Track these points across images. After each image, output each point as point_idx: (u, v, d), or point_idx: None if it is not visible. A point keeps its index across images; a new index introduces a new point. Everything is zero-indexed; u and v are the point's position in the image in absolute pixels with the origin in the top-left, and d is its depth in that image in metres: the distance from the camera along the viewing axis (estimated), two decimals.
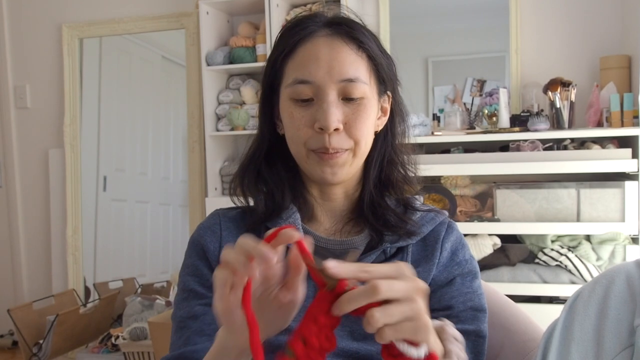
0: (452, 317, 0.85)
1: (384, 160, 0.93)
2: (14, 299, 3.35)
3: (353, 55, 0.85)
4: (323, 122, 0.82)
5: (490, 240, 2.36)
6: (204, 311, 0.86)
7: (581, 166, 2.23)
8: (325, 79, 0.83)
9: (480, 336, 0.86)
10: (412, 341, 0.57)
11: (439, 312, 0.86)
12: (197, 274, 0.89)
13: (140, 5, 3.15)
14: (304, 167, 0.89)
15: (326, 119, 0.82)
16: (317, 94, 0.84)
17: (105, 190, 3.38)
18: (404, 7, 2.80)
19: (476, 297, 0.88)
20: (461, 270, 0.89)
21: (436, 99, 2.80)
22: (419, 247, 0.90)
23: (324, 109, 0.83)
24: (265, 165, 0.92)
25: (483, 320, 0.88)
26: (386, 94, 0.92)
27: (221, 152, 2.92)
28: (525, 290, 2.31)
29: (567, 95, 2.38)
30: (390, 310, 0.55)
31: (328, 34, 0.85)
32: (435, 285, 0.88)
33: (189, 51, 3.06)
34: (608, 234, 2.23)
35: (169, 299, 2.83)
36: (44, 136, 3.32)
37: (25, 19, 3.32)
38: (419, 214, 0.93)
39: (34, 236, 3.38)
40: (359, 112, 0.85)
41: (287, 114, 0.87)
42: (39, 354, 2.66)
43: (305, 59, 0.85)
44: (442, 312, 0.86)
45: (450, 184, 2.43)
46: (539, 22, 2.63)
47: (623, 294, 0.74)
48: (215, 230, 0.92)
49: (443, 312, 0.86)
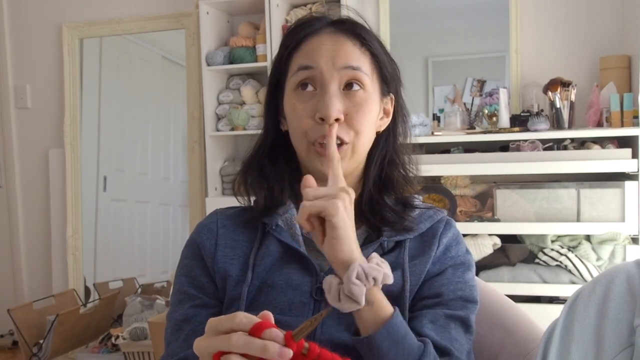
0: (442, 304, 0.85)
1: (385, 160, 0.94)
2: (14, 299, 3.34)
3: (356, 50, 0.87)
4: (324, 112, 0.84)
5: (490, 240, 2.36)
6: (195, 313, 0.87)
7: (581, 166, 2.23)
8: (328, 66, 0.85)
9: (467, 325, 0.86)
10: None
11: (428, 300, 0.86)
12: (189, 275, 0.91)
13: (140, 5, 3.15)
14: (304, 161, 0.90)
15: (327, 109, 0.83)
16: (319, 83, 0.86)
17: (105, 190, 3.38)
18: (404, 7, 2.80)
19: (467, 287, 0.88)
20: (453, 261, 0.90)
21: (436, 99, 2.80)
22: (416, 243, 0.91)
23: (325, 100, 0.84)
24: (268, 161, 0.94)
25: (472, 310, 0.88)
26: (389, 96, 0.93)
27: (221, 152, 2.92)
28: (525, 290, 2.31)
29: (567, 95, 2.38)
30: (315, 201, 0.72)
31: (332, 31, 0.88)
32: (428, 275, 0.88)
33: (189, 51, 3.06)
34: (608, 234, 2.23)
35: (169, 299, 2.83)
36: (44, 136, 3.32)
37: (25, 19, 3.32)
38: (418, 211, 0.94)
39: (34, 236, 3.38)
40: (360, 104, 0.86)
41: (290, 105, 0.88)
42: (39, 354, 2.66)
43: (309, 49, 0.87)
44: (431, 299, 0.86)
45: (450, 184, 2.43)
46: (539, 22, 2.63)
47: (623, 294, 0.74)
48: (212, 228, 0.93)
49: (433, 299, 0.86)
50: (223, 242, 0.91)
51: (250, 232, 0.92)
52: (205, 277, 0.89)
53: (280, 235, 0.88)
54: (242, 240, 0.91)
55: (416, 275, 0.87)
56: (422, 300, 0.86)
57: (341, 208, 0.72)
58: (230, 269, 0.88)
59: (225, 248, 0.90)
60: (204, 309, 0.88)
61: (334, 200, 0.72)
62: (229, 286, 0.87)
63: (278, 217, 0.90)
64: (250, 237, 0.91)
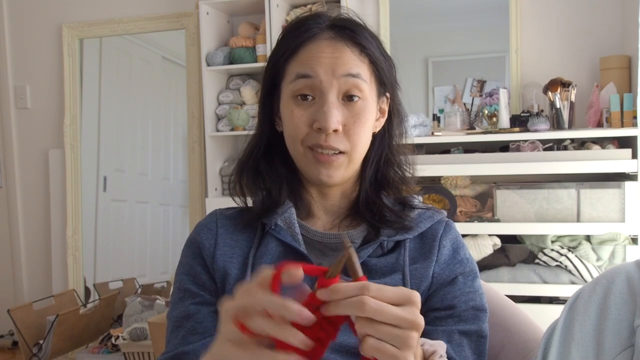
0: (454, 316, 0.86)
1: (381, 160, 0.94)
2: (14, 299, 3.35)
3: (355, 57, 0.86)
4: (323, 122, 0.83)
5: (490, 241, 2.36)
6: (196, 310, 0.87)
7: (581, 166, 2.23)
8: (327, 75, 0.84)
9: (482, 336, 0.87)
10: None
11: (441, 312, 0.86)
12: (191, 273, 0.91)
13: (140, 6, 3.15)
14: (301, 166, 0.90)
15: (326, 120, 0.83)
16: (318, 92, 0.85)
17: (105, 190, 3.38)
18: (404, 7, 2.80)
19: (477, 296, 0.89)
20: (463, 269, 0.90)
21: (436, 99, 2.80)
22: (416, 244, 0.90)
23: (325, 110, 0.83)
24: (263, 161, 0.93)
25: (484, 319, 0.88)
26: (385, 95, 0.92)
27: (221, 152, 2.92)
28: (525, 290, 2.31)
29: (567, 96, 2.38)
30: (380, 325, 0.55)
31: (331, 36, 0.86)
32: (438, 283, 0.88)
33: (189, 51, 3.06)
34: (608, 234, 2.23)
35: (169, 299, 2.83)
36: (44, 136, 3.32)
37: (26, 19, 3.32)
38: (417, 211, 0.94)
39: (34, 236, 3.38)
40: (358, 115, 0.85)
41: (288, 112, 0.87)
42: (39, 354, 2.66)
43: (307, 57, 0.85)
44: (444, 311, 0.86)
45: (451, 185, 2.43)
46: (539, 22, 2.63)
47: (623, 295, 0.74)
48: (212, 227, 0.93)
49: (445, 311, 0.86)
50: (222, 241, 0.91)
51: (249, 232, 0.92)
52: (206, 275, 0.89)
53: (279, 235, 0.88)
54: (242, 239, 0.91)
55: (417, 279, 0.86)
56: (434, 311, 0.86)
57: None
58: (230, 267, 0.88)
59: (225, 247, 0.90)
60: (204, 306, 0.88)
61: (404, 342, 0.56)
62: (228, 285, 0.87)
63: (277, 216, 0.90)
64: (249, 237, 0.91)
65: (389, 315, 0.55)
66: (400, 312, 0.56)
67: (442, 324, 0.85)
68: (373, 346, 0.55)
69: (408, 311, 0.57)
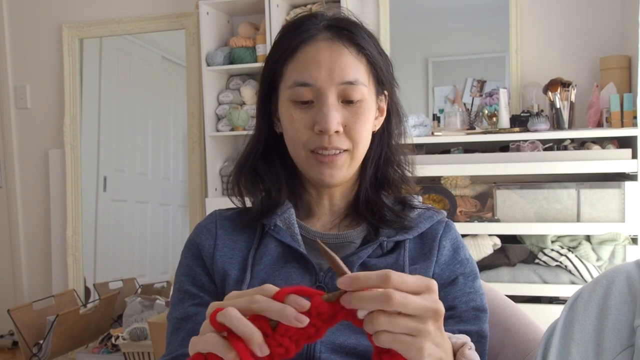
0: (455, 317, 0.86)
1: (381, 159, 0.94)
2: (14, 299, 3.34)
3: (353, 59, 0.86)
4: (323, 124, 0.83)
5: (490, 241, 2.36)
6: (196, 311, 0.87)
7: (581, 166, 2.23)
8: (326, 82, 0.84)
9: (482, 336, 0.87)
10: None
11: None
12: (190, 274, 0.91)
13: (140, 6, 3.15)
14: (302, 169, 0.90)
15: (327, 122, 0.83)
16: (317, 97, 0.85)
17: (105, 190, 3.38)
18: (404, 7, 2.80)
19: (478, 297, 0.89)
20: (463, 269, 0.90)
21: (436, 99, 2.80)
22: (416, 244, 0.90)
23: (324, 113, 0.83)
24: (262, 162, 0.93)
25: (484, 320, 0.88)
26: (383, 94, 0.92)
27: (221, 152, 2.92)
28: (525, 290, 2.31)
29: (567, 96, 2.38)
30: (397, 320, 0.54)
31: (329, 37, 0.86)
32: (438, 284, 0.87)
33: (189, 51, 3.06)
34: (608, 234, 2.23)
35: (169, 299, 2.83)
36: (44, 136, 3.32)
37: (25, 19, 3.32)
38: (417, 211, 0.94)
39: (34, 236, 3.38)
40: (358, 115, 0.86)
41: (287, 115, 0.87)
42: (39, 354, 2.66)
43: (305, 61, 0.85)
44: (445, 312, 0.86)
45: (451, 185, 2.43)
46: (539, 22, 2.63)
47: (623, 295, 0.74)
48: (211, 228, 0.93)
49: (446, 312, 0.86)
50: (222, 242, 0.91)
51: (249, 233, 0.92)
52: (206, 277, 0.90)
53: (279, 235, 0.88)
54: (241, 240, 0.91)
55: None
56: None
57: (426, 352, 0.56)
58: (229, 268, 0.88)
59: (224, 248, 0.90)
60: (204, 307, 0.87)
61: (423, 334, 0.56)
62: (228, 286, 0.87)
63: (276, 217, 0.90)
64: (249, 238, 0.91)
65: (413, 307, 0.54)
66: (423, 302, 0.55)
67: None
68: (390, 338, 0.54)
69: (429, 299, 0.56)
